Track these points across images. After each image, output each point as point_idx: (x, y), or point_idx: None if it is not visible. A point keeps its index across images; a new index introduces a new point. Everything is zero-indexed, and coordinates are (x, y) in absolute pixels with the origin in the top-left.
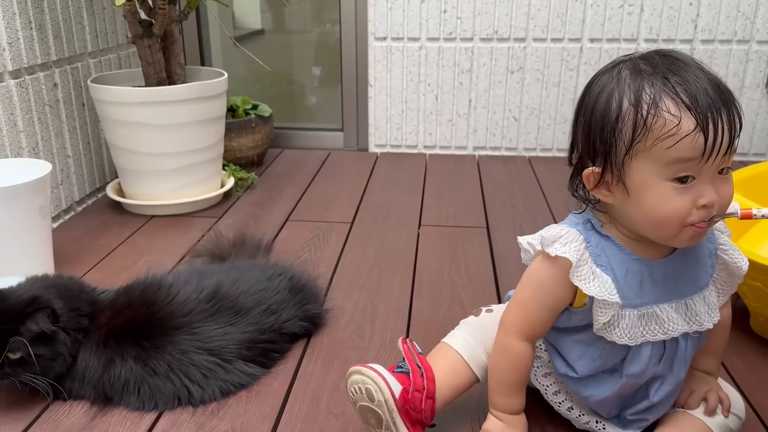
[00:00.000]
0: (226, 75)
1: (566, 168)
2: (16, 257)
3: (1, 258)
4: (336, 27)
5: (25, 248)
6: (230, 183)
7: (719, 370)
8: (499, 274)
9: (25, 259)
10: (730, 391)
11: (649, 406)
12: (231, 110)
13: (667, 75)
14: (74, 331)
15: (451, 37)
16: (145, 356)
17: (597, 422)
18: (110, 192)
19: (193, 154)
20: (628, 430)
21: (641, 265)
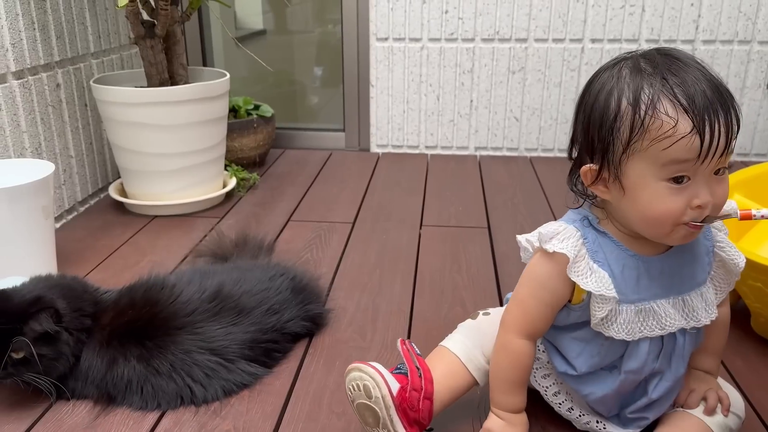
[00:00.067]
0: (228, 75)
1: (567, 168)
2: (20, 257)
3: (5, 258)
4: (337, 27)
5: (28, 248)
6: (232, 183)
7: (719, 369)
8: (501, 275)
9: (28, 259)
10: (729, 391)
11: (648, 403)
12: (233, 110)
13: (667, 75)
14: (77, 331)
15: (452, 37)
16: (148, 356)
17: (597, 422)
18: (113, 192)
19: (196, 155)
20: (629, 430)
21: (638, 261)
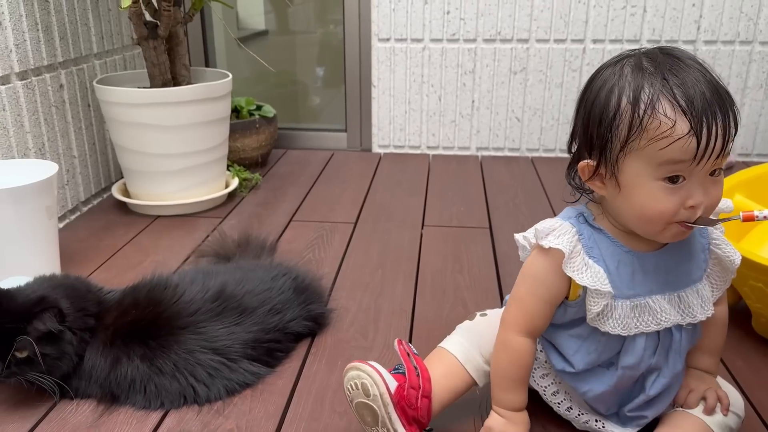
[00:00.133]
0: (230, 76)
1: None
2: (24, 257)
3: (9, 258)
4: (339, 28)
5: (32, 248)
6: (234, 183)
7: (718, 368)
8: (502, 275)
9: (31, 258)
10: (729, 390)
11: (646, 401)
12: (235, 111)
13: (667, 76)
14: (81, 331)
15: (454, 38)
16: (151, 355)
17: (596, 421)
18: (116, 192)
19: (198, 155)
20: (628, 428)
21: (633, 257)
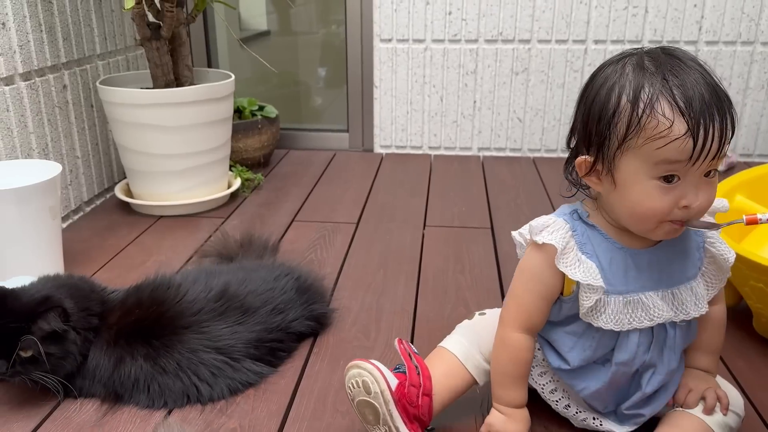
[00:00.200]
0: (233, 77)
1: None
2: (27, 257)
3: (13, 258)
4: (341, 28)
5: (35, 248)
6: (237, 184)
7: (717, 368)
8: (504, 275)
9: (35, 259)
10: (728, 389)
11: (643, 398)
12: (238, 111)
13: (668, 76)
14: (84, 331)
15: (455, 38)
16: (154, 355)
17: (594, 419)
18: (118, 192)
19: (201, 156)
20: (625, 426)
21: (625, 253)
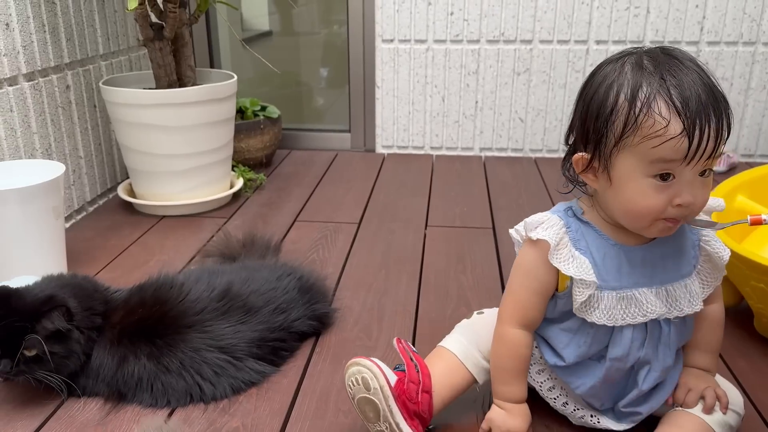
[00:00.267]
0: (235, 77)
1: None
2: (31, 257)
3: (16, 257)
4: (343, 29)
5: (39, 248)
6: (239, 184)
7: (716, 366)
8: (505, 275)
9: (39, 258)
10: (728, 388)
11: (639, 395)
12: (240, 112)
13: (666, 76)
14: (88, 330)
15: (457, 39)
16: (157, 354)
17: (592, 416)
18: (121, 192)
19: (203, 156)
20: (623, 424)
21: (619, 250)
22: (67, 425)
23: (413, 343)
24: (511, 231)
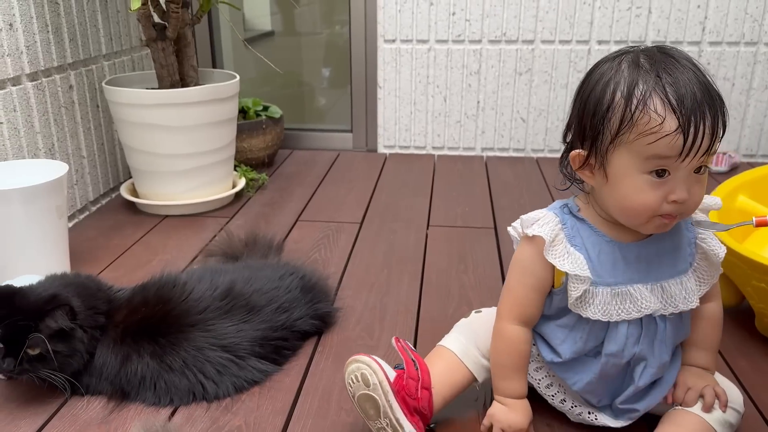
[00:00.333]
0: (237, 78)
1: None
2: (34, 256)
3: (20, 257)
4: (345, 29)
5: (42, 247)
6: (241, 183)
7: (715, 365)
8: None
9: (42, 258)
10: (727, 386)
11: (636, 392)
12: (242, 112)
13: (662, 74)
14: (91, 329)
15: (459, 39)
16: (161, 353)
17: (589, 413)
18: (124, 192)
19: (206, 156)
20: (620, 421)
21: (614, 246)
22: (70, 423)
23: (415, 343)
24: (509, 229)
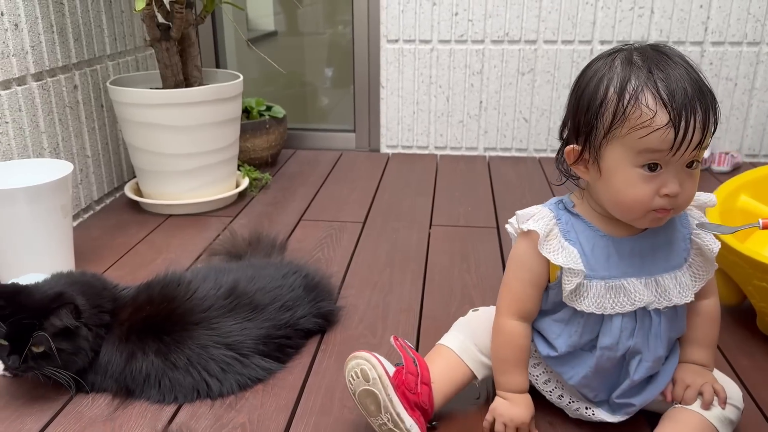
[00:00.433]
0: (241, 78)
1: None
2: (39, 255)
3: (25, 255)
4: (348, 29)
5: (47, 246)
6: (245, 183)
7: (714, 361)
8: None
9: (47, 256)
10: (726, 382)
11: (632, 386)
12: (246, 111)
13: (654, 70)
14: (96, 327)
15: (462, 39)
16: (165, 351)
17: (587, 408)
18: (128, 191)
19: (209, 155)
20: (617, 416)
21: (608, 241)
22: (75, 421)
23: (417, 341)
24: (507, 225)
